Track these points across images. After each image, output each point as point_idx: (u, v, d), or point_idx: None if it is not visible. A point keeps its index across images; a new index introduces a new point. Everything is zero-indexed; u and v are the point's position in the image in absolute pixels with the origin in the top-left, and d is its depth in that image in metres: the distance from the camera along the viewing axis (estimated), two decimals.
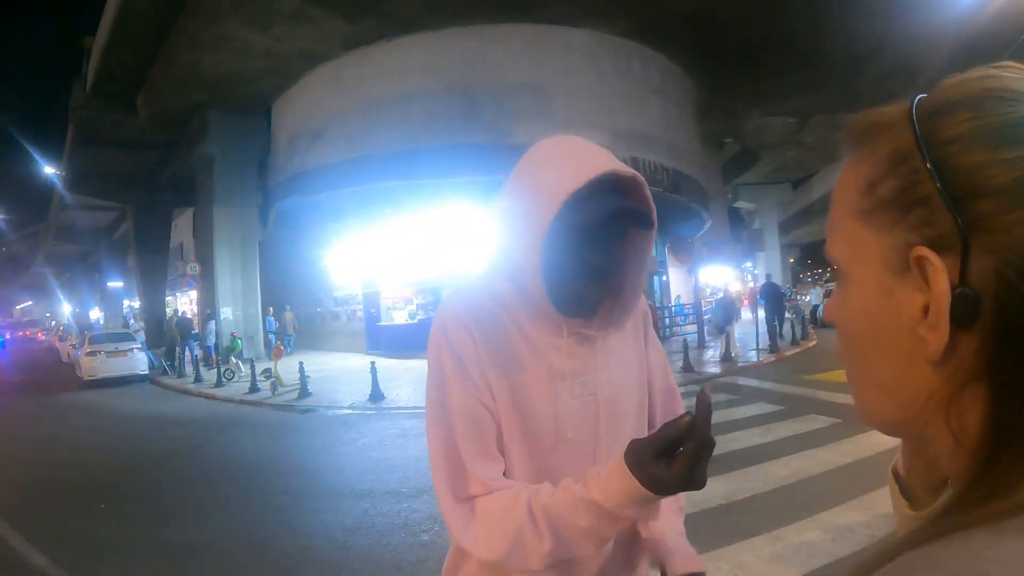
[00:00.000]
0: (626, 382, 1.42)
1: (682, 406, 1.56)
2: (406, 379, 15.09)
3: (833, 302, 0.62)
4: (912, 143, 0.52)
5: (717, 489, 5.88)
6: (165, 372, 20.37)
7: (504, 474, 1.31)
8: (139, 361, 19.73)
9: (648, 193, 1.30)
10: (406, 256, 20.53)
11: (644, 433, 1.42)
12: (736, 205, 41.92)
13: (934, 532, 0.48)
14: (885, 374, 0.57)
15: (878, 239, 0.54)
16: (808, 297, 28.37)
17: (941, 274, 0.49)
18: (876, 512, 5.15)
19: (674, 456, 1.03)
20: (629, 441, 1.13)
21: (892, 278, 0.54)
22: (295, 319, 25.45)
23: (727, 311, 17.11)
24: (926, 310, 0.51)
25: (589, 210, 1.23)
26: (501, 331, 1.32)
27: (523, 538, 1.17)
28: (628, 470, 1.06)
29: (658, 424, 1.50)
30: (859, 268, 0.57)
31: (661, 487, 1.04)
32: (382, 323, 22.53)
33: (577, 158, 1.25)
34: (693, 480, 1.03)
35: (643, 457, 1.05)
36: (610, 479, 1.10)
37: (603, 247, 1.29)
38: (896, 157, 0.53)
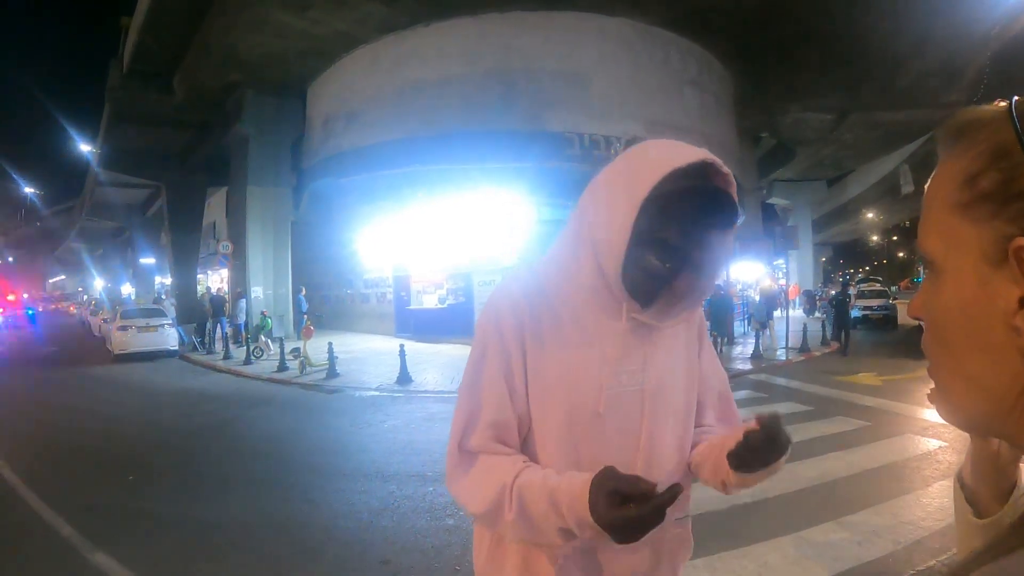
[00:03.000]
0: (672, 380, 1.44)
1: (738, 413, 1.63)
2: (434, 363, 15.17)
3: (922, 295, 0.64)
4: (1013, 139, 0.53)
5: None
6: (195, 348, 20.65)
7: (541, 461, 1.37)
8: (169, 336, 20.04)
9: (735, 193, 1.32)
10: (438, 241, 20.59)
11: (689, 434, 1.50)
12: (770, 201, 41.52)
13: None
14: (975, 367, 0.57)
15: (976, 231, 0.56)
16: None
17: None
18: (902, 518, 5.12)
19: (627, 505, 1.12)
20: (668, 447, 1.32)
21: (989, 269, 0.55)
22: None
23: (770, 306, 17.01)
24: (1022, 302, 0.52)
25: (683, 186, 1.26)
26: (553, 316, 1.37)
27: (500, 503, 1.26)
28: (588, 485, 1.17)
29: (713, 424, 1.59)
30: (954, 260, 0.58)
31: (596, 515, 1.13)
32: (412, 307, 22.70)
33: (681, 146, 1.30)
34: (623, 531, 1.13)
35: (604, 483, 1.15)
36: (573, 484, 1.20)
37: (684, 231, 1.31)
38: (996, 152, 0.55)
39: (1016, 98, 0.55)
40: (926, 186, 0.63)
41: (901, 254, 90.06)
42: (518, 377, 1.35)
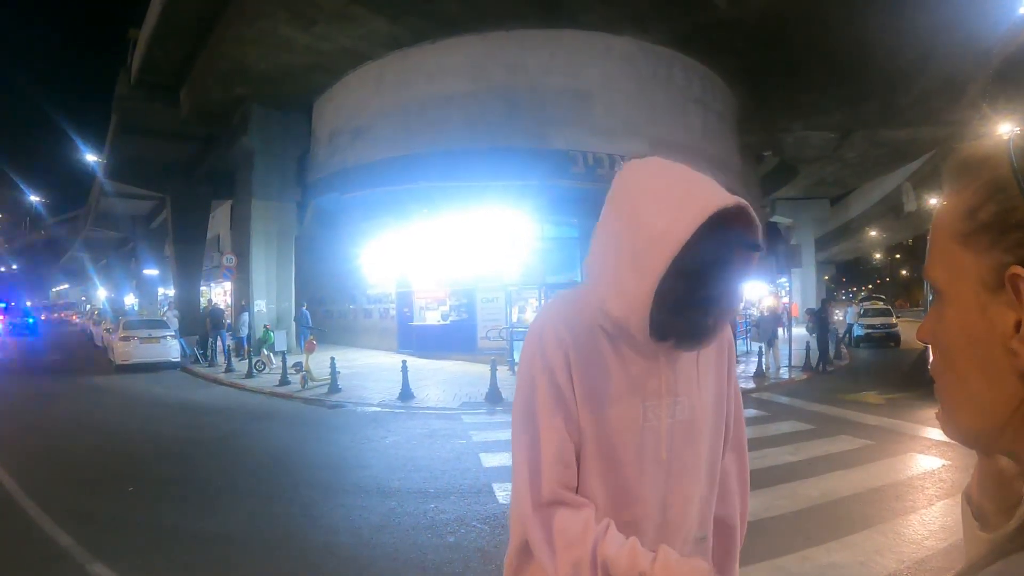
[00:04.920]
0: (705, 408, 1.44)
1: (745, 443, 1.62)
2: (436, 379, 15.14)
3: (929, 322, 0.68)
4: (1010, 174, 0.57)
5: None
6: (197, 360, 20.64)
7: (582, 490, 1.35)
8: (172, 348, 20.06)
9: (755, 216, 1.28)
10: (441, 257, 20.62)
11: (718, 455, 1.51)
12: (773, 220, 41.55)
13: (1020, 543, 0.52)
14: (976, 386, 0.61)
15: (976, 260, 0.60)
16: (842, 316, 28.03)
17: None
18: (906, 537, 5.09)
19: None
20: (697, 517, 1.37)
21: (988, 295, 0.59)
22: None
23: (775, 325, 17.03)
24: (1018, 325, 0.56)
25: (699, 252, 1.22)
26: (595, 347, 1.35)
27: (581, 573, 1.25)
28: None
29: (727, 458, 1.57)
30: (957, 287, 0.62)
31: None
32: (414, 323, 22.68)
33: (683, 195, 1.24)
34: None
35: None
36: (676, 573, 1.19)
37: (710, 282, 1.29)
38: (995, 186, 0.58)
39: (1016, 132, 0.59)
40: (933, 218, 0.67)
41: (904, 272, 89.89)
42: (570, 401, 1.34)
